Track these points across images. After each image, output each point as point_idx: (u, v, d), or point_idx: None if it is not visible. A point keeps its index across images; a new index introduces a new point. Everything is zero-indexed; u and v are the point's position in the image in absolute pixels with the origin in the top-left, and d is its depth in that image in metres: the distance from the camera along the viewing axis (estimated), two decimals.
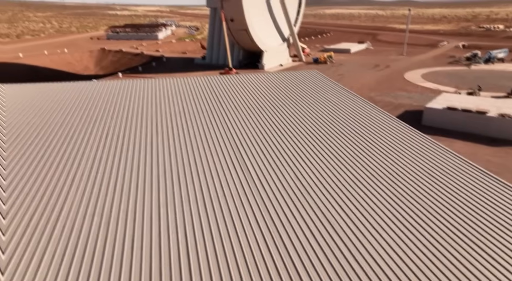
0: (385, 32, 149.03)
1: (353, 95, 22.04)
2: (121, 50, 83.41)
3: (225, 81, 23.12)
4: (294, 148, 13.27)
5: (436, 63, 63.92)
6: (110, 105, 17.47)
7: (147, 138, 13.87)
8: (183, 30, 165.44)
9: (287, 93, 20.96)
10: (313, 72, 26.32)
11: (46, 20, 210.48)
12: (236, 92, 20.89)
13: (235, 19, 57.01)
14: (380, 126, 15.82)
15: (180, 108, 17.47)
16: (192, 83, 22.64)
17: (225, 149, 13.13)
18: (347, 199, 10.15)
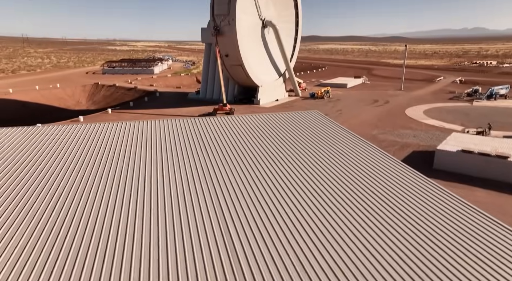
0: (379, 66, 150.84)
1: (357, 137, 19.80)
2: (115, 84, 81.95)
3: (223, 122, 21.09)
4: (291, 192, 12.42)
5: (436, 98, 62.51)
6: (92, 150, 16.04)
7: (133, 188, 12.56)
8: (180, 65, 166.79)
9: (286, 135, 19.21)
10: (314, 113, 23.97)
11: (45, 56, 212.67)
12: (234, 133, 18.98)
13: (230, 54, 55.85)
14: (387, 173, 14.31)
15: (169, 153, 15.88)
16: (186, 124, 20.46)
17: (220, 193, 12.28)
18: (346, 246, 9.37)
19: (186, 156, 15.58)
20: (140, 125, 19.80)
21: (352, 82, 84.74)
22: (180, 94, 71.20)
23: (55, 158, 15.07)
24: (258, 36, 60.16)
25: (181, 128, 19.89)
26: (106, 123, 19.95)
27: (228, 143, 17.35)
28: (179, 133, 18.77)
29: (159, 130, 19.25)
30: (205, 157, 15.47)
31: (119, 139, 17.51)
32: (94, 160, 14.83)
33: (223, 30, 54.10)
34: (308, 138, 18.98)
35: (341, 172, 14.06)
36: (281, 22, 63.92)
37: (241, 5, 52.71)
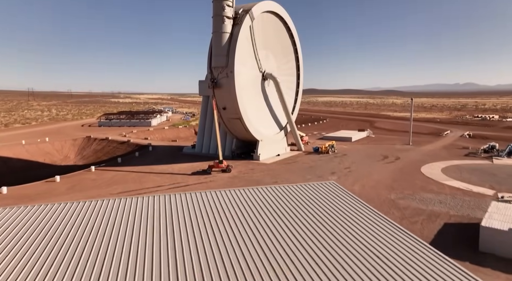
0: (381, 119, 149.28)
1: (378, 215, 15.55)
2: (107, 138, 78.09)
3: (229, 197, 17.94)
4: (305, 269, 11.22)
5: (450, 155, 57.93)
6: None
7: None
8: (179, 117, 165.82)
9: (302, 210, 16.71)
10: (330, 184, 19.05)
11: (46, 108, 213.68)
12: (247, 209, 16.61)
13: (227, 107, 52.41)
14: (413, 258, 12.03)
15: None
16: (181, 201, 17.54)
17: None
18: None
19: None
20: (127, 204, 17.20)
21: (357, 136, 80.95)
22: (174, 148, 66.85)
23: None
24: (258, 89, 57.33)
25: (183, 205, 15.85)
26: (86, 203, 17.82)
27: (240, 218, 15.53)
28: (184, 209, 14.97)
29: (157, 209, 16.75)
30: (217, 231, 14.15)
31: (100, 224, 15.12)
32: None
33: (220, 82, 51.23)
34: (325, 213, 16.16)
35: (363, 255, 12.26)
36: (282, 74, 61.70)
37: (240, 58, 50.41)
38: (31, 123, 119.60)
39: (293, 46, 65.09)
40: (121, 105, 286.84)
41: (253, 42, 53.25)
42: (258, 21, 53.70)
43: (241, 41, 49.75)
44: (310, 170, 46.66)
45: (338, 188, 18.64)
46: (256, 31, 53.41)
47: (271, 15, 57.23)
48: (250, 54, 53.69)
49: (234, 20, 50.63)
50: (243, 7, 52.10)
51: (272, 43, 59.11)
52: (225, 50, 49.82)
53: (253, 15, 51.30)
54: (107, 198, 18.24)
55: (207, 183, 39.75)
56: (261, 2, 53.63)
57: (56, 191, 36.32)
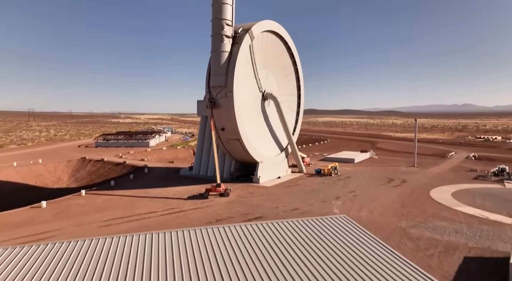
0: (382, 140, 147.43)
1: (397, 256, 13.24)
2: (103, 159, 75.90)
3: (234, 233, 15.73)
4: None
5: (458, 177, 55.51)
6: None
7: None
8: (179, 137, 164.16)
9: (312, 249, 14.80)
10: (341, 219, 16.71)
11: (45, 129, 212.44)
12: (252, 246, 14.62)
13: (226, 128, 50.53)
14: None
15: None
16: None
17: None
18: None
19: None
20: (112, 246, 14.64)
21: (360, 157, 78.72)
22: (171, 170, 64.50)
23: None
24: (257, 109, 55.64)
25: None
26: (67, 244, 14.97)
27: (251, 256, 13.87)
28: None
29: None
30: (225, 271, 12.67)
31: None
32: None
33: (219, 102, 49.56)
34: (339, 252, 14.31)
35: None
36: (283, 94, 60.26)
37: (240, 77, 48.98)
38: (26, 144, 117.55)
39: (294, 66, 64.01)
40: (121, 125, 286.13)
41: (253, 62, 52.02)
42: (258, 41, 52.70)
43: (240, 60, 48.47)
44: (312, 194, 44.17)
45: (350, 223, 16.35)
46: (256, 50, 52.30)
47: (271, 34, 56.35)
48: (249, 74, 52.34)
49: (233, 39, 49.55)
50: (242, 27, 51.18)
51: (272, 62, 57.98)
52: (224, 69, 48.46)
53: (253, 34, 50.28)
54: (90, 238, 15.79)
55: (203, 209, 37.24)
56: (261, 21, 52.82)
57: (41, 218, 33.77)
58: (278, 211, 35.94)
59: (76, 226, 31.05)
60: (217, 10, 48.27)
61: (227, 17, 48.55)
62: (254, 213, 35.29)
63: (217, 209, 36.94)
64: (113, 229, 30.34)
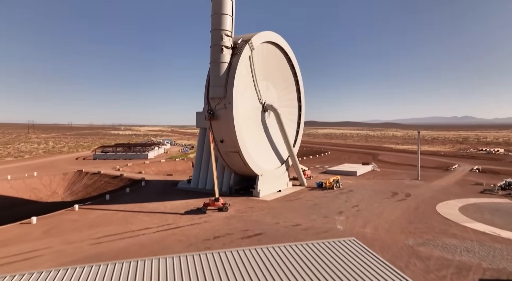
0: (383, 152, 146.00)
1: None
2: (100, 172, 74.38)
3: (237, 259, 14.03)
4: None
5: (464, 191, 53.97)
6: None
7: None
8: (178, 149, 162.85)
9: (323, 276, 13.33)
10: (350, 242, 15.23)
11: (44, 141, 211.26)
12: None
13: (225, 140, 49.27)
14: None
15: None
16: None
17: None
18: None
19: None
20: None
21: (361, 170, 77.22)
22: (169, 183, 62.94)
23: None
24: (257, 121, 54.48)
25: None
26: None
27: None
28: None
29: None
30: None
31: None
32: None
33: (218, 114, 48.44)
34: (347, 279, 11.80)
35: None
36: (283, 105, 59.26)
37: (239, 88, 47.99)
38: (24, 157, 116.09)
39: (294, 77, 63.23)
40: (120, 137, 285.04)
41: (253, 73, 51.15)
42: (258, 52, 51.96)
43: (240, 71, 47.58)
44: (314, 209, 42.57)
45: (360, 247, 14.88)
46: (256, 61, 51.51)
47: (271, 45, 55.70)
48: (249, 85, 51.40)
49: (233, 50, 48.79)
50: (242, 37, 50.51)
51: (273, 73, 57.16)
52: (224, 80, 47.52)
53: (253, 45, 49.56)
54: (81, 265, 14.25)
55: (201, 225, 35.63)
56: (261, 32, 52.19)
57: (29, 236, 32.14)
58: (279, 227, 34.33)
59: (65, 244, 29.43)
60: (216, 20, 47.66)
61: (227, 27, 47.89)
62: (254, 229, 33.68)
63: (215, 225, 35.33)
64: (105, 247, 28.72)
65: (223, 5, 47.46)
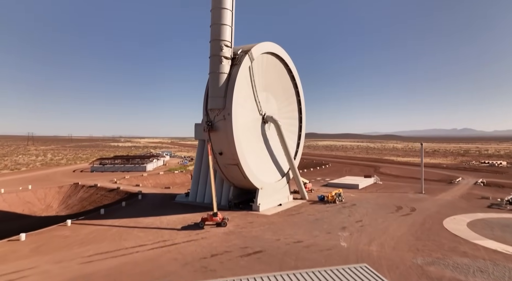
0: (385, 164, 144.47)
1: None
2: (96, 185, 72.75)
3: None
4: None
5: (471, 206, 52.31)
6: None
7: None
8: (177, 161, 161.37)
9: None
10: (362, 269, 13.72)
11: (42, 153, 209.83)
12: None
13: (224, 152, 47.92)
14: None
15: None
16: None
17: None
18: None
19: None
20: None
21: (364, 182, 75.58)
22: (167, 197, 61.28)
23: None
24: (257, 132, 53.24)
25: None
26: None
27: None
28: None
29: None
30: None
31: None
32: None
33: (217, 125, 47.24)
34: None
35: None
36: (283, 117, 58.14)
37: (239, 99, 46.92)
38: (20, 169, 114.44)
39: (295, 89, 62.33)
40: (120, 149, 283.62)
41: (253, 84, 50.19)
42: (258, 62, 51.14)
43: (239, 82, 46.61)
44: (316, 224, 40.89)
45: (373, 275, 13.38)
46: (255, 72, 50.62)
47: (271, 56, 54.94)
48: (249, 96, 50.36)
49: (232, 61, 47.95)
50: (242, 48, 49.75)
51: (273, 85, 56.24)
52: (223, 91, 46.50)
53: (253, 55, 48.74)
54: None
55: (198, 241, 33.94)
56: (261, 43, 51.48)
57: (16, 254, 30.43)
58: (280, 244, 32.65)
59: (53, 263, 27.72)
60: (215, 31, 46.96)
61: (226, 38, 47.16)
62: (254, 246, 32.01)
63: (213, 242, 33.65)
64: (95, 266, 27.03)
65: (222, 16, 46.85)
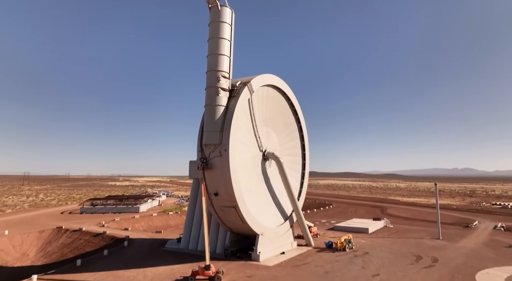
0: (391, 205, 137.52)
1: None
2: (81, 229, 66.42)
3: None
4: None
5: (500, 256, 46.06)
6: None
7: None
8: (174, 201, 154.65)
9: None
10: None
11: (35, 193, 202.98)
12: None
13: (220, 192, 42.72)
14: None
15: None
16: None
17: None
18: None
19: None
20: None
21: (373, 226, 69.21)
22: (156, 242, 54.94)
23: None
24: (257, 171, 48.40)
25: None
26: None
27: None
28: None
29: None
30: None
31: None
32: None
33: (212, 162, 42.52)
34: None
35: None
36: (286, 154, 53.66)
37: (237, 133, 42.67)
38: (5, 211, 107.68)
39: (297, 123, 58.51)
40: (116, 189, 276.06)
41: (252, 117, 46.28)
42: (257, 95, 47.66)
43: (238, 115, 42.66)
44: (326, 279, 34.73)
45: None
46: (255, 105, 46.95)
47: (272, 89, 51.68)
48: (248, 130, 46.22)
49: (230, 93, 44.40)
50: (241, 80, 46.51)
51: (274, 119, 52.42)
52: (219, 125, 42.37)
53: (252, 87, 45.32)
54: None
55: None
56: (261, 75, 48.41)
57: None
58: None
59: None
60: (213, 61, 43.90)
61: (224, 68, 43.99)
62: None
63: None
64: None
65: (220, 45, 44.06)
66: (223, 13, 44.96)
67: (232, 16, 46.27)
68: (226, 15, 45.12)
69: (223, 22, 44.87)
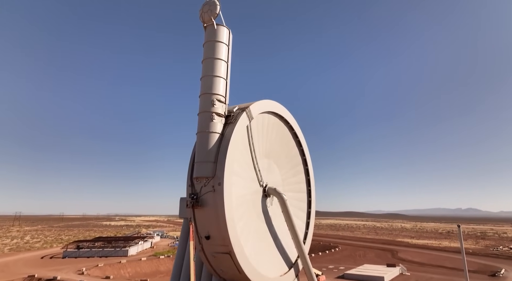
0: (401, 247, 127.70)
1: None
2: (55, 278, 58.36)
3: None
4: None
5: None
6: None
7: None
8: (168, 242, 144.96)
9: None
10: None
11: (22, 235, 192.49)
12: None
13: (212, 235, 35.91)
14: None
15: None
16: None
17: None
18: None
19: None
20: None
21: (389, 274, 61.01)
22: None
23: None
24: (257, 209, 41.80)
25: None
26: None
27: None
28: None
29: None
30: None
31: None
32: None
33: (204, 199, 36.21)
34: None
35: None
36: (289, 190, 47.33)
37: (233, 165, 36.86)
38: None
39: (301, 156, 52.73)
40: (110, 229, 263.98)
41: (251, 147, 40.69)
42: (257, 123, 42.45)
43: (235, 143, 37.11)
44: None
45: None
46: (255, 134, 41.58)
47: (273, 117, 46.63)
48: (246, 162, 40.38)
49: (226, 119, 39.15)
50: (238, 106, 41.49)
51: (276, 150, 46.78)
52: (213, 155, 36.65)
53: (251, 114, 40.22)
54: None
55: None
56: (261, 100, 43.59)
57: None
58: None
59: None
60: (206, 83, 39.13)
61: (220, 92, 39.14)
62: None
63: None
64: None
65: (215, 66, 39.57)
66: (219, 32, 41.04)
67: (229, 36, 42.36)
68: (222, 35, 41.17)
69: (219, 41, 40.81)
